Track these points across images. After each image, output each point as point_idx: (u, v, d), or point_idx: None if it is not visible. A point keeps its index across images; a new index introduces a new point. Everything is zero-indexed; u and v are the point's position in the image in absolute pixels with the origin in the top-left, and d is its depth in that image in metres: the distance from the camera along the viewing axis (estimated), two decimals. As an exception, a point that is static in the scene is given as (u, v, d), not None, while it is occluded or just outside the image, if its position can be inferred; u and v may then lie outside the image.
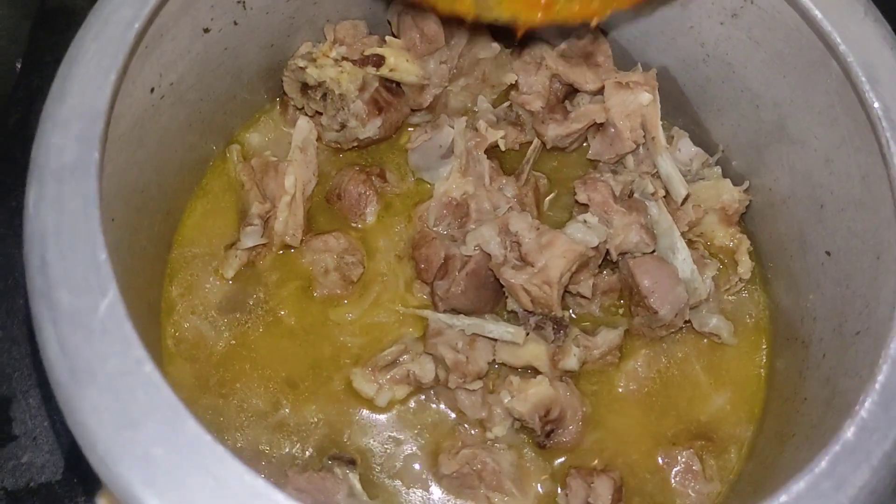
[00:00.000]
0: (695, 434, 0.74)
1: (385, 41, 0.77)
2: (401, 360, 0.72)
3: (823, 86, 0.63)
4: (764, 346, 0.76)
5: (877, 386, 0.50)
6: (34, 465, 0.75)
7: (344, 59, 0.76)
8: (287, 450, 0.69)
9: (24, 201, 0.53)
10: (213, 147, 0.78)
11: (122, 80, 0.56)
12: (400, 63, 0.76)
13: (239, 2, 0.70)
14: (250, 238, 0.74)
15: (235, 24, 0.71)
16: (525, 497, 0.69)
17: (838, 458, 0.48)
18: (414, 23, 0.76)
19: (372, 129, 0.77)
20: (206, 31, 0.69)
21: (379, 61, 0.75)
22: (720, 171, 0.80)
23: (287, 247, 0.75)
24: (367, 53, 0.76)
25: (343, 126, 0.77)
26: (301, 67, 0.75)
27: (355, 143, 0.78)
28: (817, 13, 0.59)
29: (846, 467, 0.48)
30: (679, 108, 0.80)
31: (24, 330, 0.79)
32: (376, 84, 0.77)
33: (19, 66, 0.88)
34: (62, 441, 0.76)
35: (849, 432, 0.49)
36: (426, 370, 0.71)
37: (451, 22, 0.76)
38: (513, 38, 0.79)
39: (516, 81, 0.80)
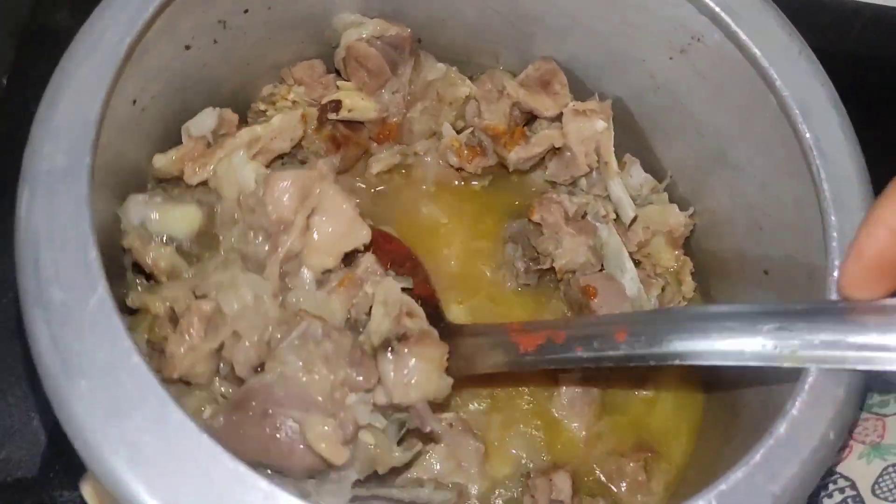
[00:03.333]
0: (640, 446, 0.78)
1: (338, 86, 0.82)
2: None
3: (761, 117, 0.69)
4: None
5: (806, 387, 0.55)
6: (11, 460, 0.77)
7: (302, 100, 0.81)
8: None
9: (17, 206, 0.56)
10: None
11: (111, 93, 0.59)
12: (356, 103, 0.81)
13: (220, 21, 0.73)
14: (207, 117, 0.73)
15: (215, 42, 0.74)
16: None
17: (772, 452, 0.53)
18: (358, 63, 0.81)
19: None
20: (188, 48, 0.72)
21: (337, 106, 0.80)
22: (667, 196, 0.85)
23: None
24: (323, 101, 0.80)
25: (303, 163, 0.81)
26: (262, 111, 0.79)
27: None
28: (757, 51, 0.65)
29: (778, 461, 0.53)
30: (631, 135, 0.86)
31: (9, 328, 0.82)
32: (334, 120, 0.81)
33: (5, 83, 0.91)
34: (40, 438, 0.78)
35: (781, 428, 0.54)
36: None
37: (393, 52, 0.81)
38: (457, 57, 0.85)
39: (479, 109, 0.85)
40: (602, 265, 0.83)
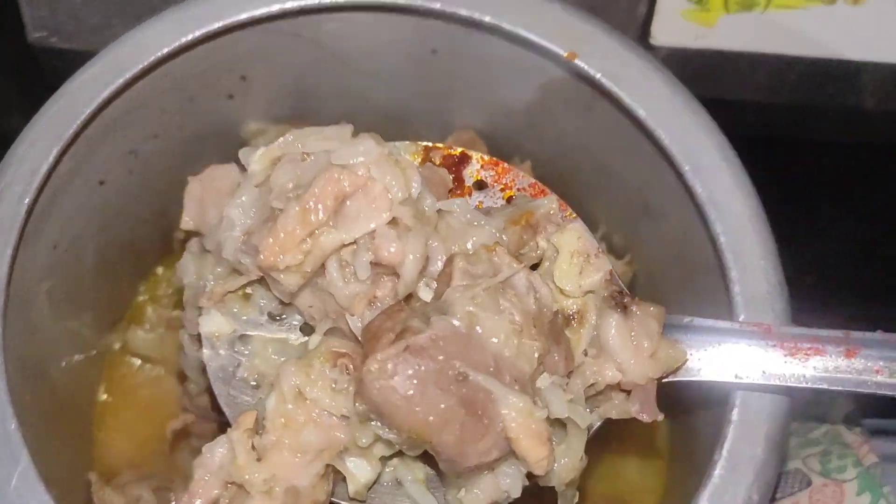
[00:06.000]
0: (613, 500, 0.78)
1: None
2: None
3: (665, 172, 0.69)
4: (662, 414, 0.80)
5: (724, 452, 0.55)
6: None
7: None
8: None
9: (-70, 378, 0.57)
10: (128, 288, 0.83)
11: (17, 252, 0.61)
12: None
13: (131, 151, 0.75)
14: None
15: (130, 172, 0.76)
16: None
17: (699, 522, 0.53)
18: None
19: None
20: (102, 183, 0.73)
21: None
22: (605, 245, 0.86)
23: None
24: None
25: None
26: (182, 240, 0.80)
27: None
28: (641, 112, 0.66)
29: (706, 528, 0.53)
30: (557, 191, 0.86)
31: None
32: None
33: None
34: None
35: (703, 499, 0.54)
36: None
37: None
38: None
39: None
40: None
